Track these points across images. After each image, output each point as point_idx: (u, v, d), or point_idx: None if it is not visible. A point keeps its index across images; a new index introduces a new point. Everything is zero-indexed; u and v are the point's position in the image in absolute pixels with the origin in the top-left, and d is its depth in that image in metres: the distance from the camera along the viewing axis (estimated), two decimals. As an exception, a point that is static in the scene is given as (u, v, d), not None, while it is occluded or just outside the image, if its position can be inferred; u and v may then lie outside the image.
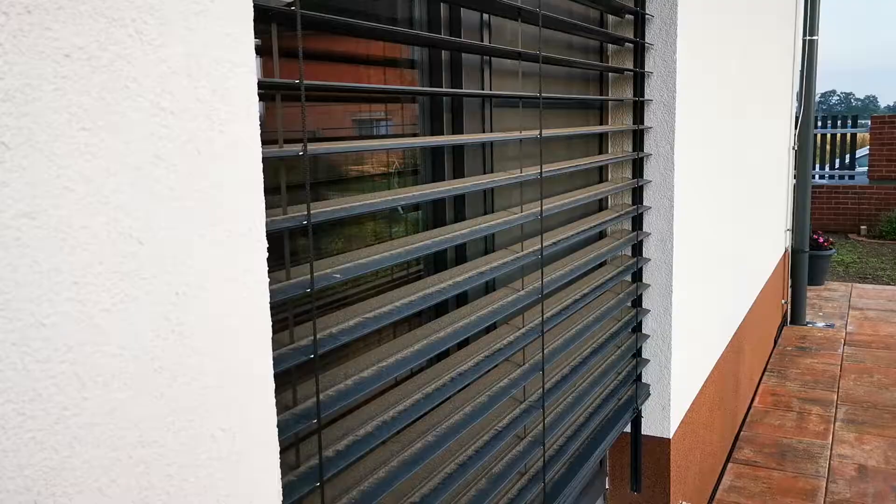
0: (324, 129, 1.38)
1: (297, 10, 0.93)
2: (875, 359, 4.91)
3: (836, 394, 4.34)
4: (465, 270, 1.47)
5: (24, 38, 0.56)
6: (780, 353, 5.11)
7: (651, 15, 2.29)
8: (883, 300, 6.38)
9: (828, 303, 6.38)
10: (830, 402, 4.21)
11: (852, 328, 5.61)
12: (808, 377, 4.62)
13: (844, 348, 5.15)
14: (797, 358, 4.99)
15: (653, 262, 2.43)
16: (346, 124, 1.45)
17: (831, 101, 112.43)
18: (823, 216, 11.34)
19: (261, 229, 0.80)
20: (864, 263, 9.09)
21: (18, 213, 0.57)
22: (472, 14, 1.63)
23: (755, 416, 4.06)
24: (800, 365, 4.85)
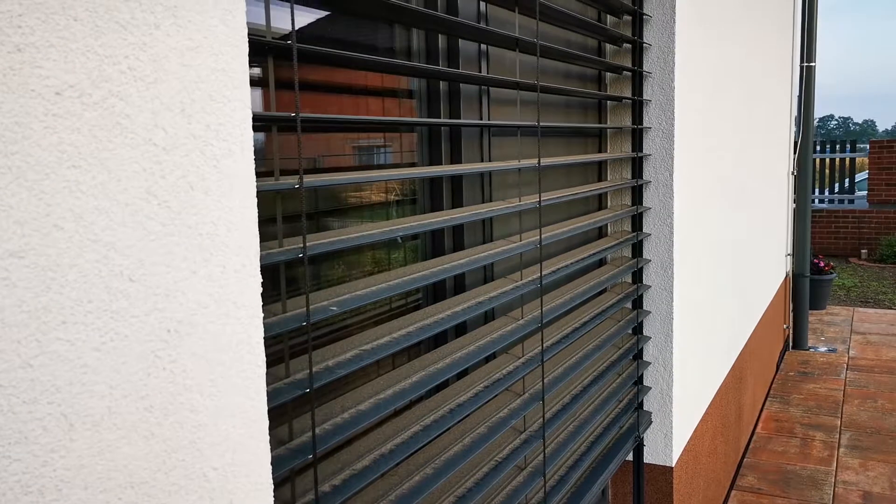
0: (324, 155, 1.38)
1: (293, 43, 0.93)
2: (878, 384, 4.87)
3: (839, 419, 4.30)
4: (464, 300, 1.46)
5: (15, 76, 0.56)
6: (783, 378, 5.08)
7: (648, 44, 2.30)
8: (885, 324, 6.35)
9: (829, 327, 6.35)
10: (834, 428, 4.17)
11: (854, 353, 5.58)
12: (811, 403, 4.59)
13: (847, 373, 5.12)
14: (800, 383, 4.96)
15: (653, 288, 2.42)
16: (347, 151, 1.45)
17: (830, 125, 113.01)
18: (824, 240, 11.34)
19: (255, 264, 0.79)
20: (865, 287, 9.07)
21: (6, 252, 0.56)
22: (471, 44, 1.64)
23: (758, 442, 4.03)
24: (802, 390, 4.82)
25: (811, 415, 4.39)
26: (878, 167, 11.28)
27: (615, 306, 2.16)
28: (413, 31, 1.53)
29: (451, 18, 1.32)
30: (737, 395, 3.64)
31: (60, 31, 0.59)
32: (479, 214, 1.45)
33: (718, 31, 2.88)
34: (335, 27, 1.35)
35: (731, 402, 3.50)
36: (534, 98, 1.91)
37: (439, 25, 1.37)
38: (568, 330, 1.89)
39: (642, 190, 2.38)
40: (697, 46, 2.55)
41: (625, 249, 2.43)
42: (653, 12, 2.29)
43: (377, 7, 1.17)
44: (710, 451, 3.05)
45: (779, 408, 4.52)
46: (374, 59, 1.12)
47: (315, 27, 1.30)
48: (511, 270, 1.82)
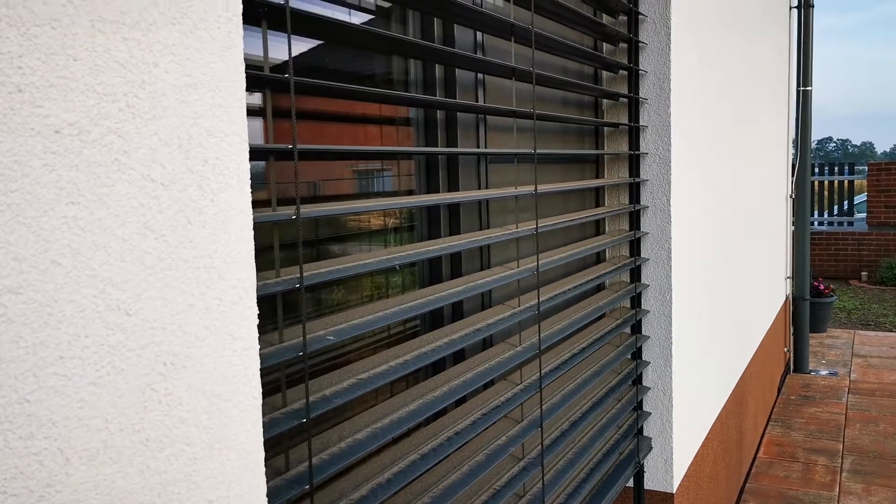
0: (324, 179, 1.39)
1: (290, 77, 0.94)
2: (880, 407, 4.85)
3: (841, 443, 4.28)
4: (462, 328, 1.46)
5: (15, 115, 0.57)
6: (784, 402, 5.06)
7: (645, 71, 2.32)
8: (886, 347, 6.34)
9: (830, 350, 6.33)
10: (836, 452, 4.15)
11: (856, 376, 5.56)
12: (812, 427, 4.57)
13: (849, 397, 5.10)
14: (801, 407, 4.94)
15: (652, 313, 2.42)
16: (346, 175, 1.46)
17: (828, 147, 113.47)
18: (824, 263, 11.34)
19: (251, 296, 0.80)
20: (866, 310, 9.06)
21: (4, 288, 0.57)
22: (468, 73, 1.66)
23: (760, 467, 4.00)
24: (804, 414, 4.80)
25: (813, 439, 4.37)
26: (877, 189, 11.31)
27: (614, 331, 2.16)
28: (411, 60, 1.55)
29: (449, 50, 1.34)
30: (738, 419, 3.62)
31: (60, 70, 0.60)
32: (477, 242, 1.46)
33: (714, 57, 2.91)
34: (333, 55, 1.37)
35: (733, 427, 3.49)
36: (530, 125, 1.92)
37: (437, 56, 1.39)
38: (566, 356, 1.89)
39: (640, 215, 2.40)
40: (693, 73, 2.57)
41: (623, 274, 2.44)
42: (648, 40, 2.31)
43: (374, 39, 1.19)
44: (712, 477, 3.04)
45: (780, 432, 4.50)
46: (371, 91, 1.14)
47: (313, 55, 1.32)
48: (509, 296, 1.83)
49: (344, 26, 1.07)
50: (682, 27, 2.40)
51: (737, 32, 3.42)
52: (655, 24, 2.30)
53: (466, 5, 1.38)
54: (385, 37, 1.17)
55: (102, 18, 0.63)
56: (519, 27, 1.56)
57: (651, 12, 2.30)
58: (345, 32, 1.12)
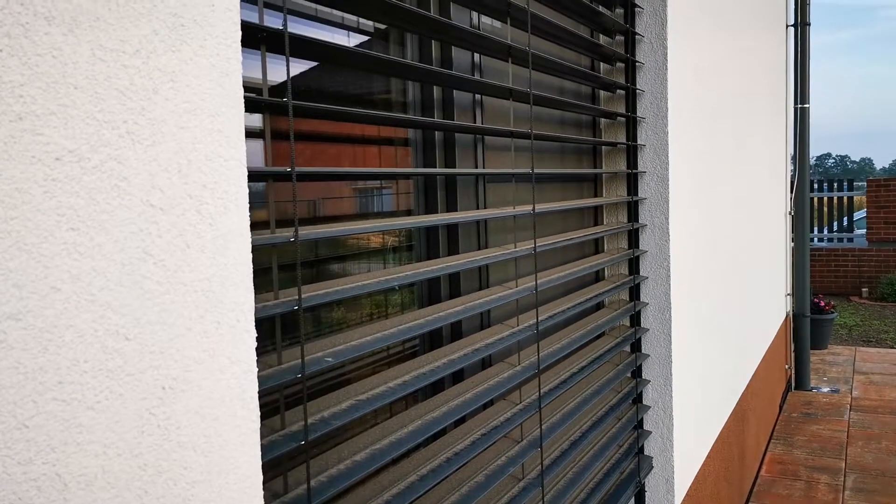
0: (324, 198, 1.40)
1: (288, 101, 0.95)
2: (882, 424, 4.84)
3: (843, 461, 4.26)
4: (461, 347, 1.47)
5: (15, 143, 0.57)
6: (786, 419, 5.04)
7: (642, 90, 2.34)
8: (887, 363, 6.32)
9: (832, 367, 6.32)
10: (839, 471, 4.13)
11: (858, 393, 5.54)
12: (814, 444, 4.55)
13: (850, 414, 5.08)
14: (803, 424, 4.92)
15: (651, 331, 2.42)
16: (346, 193, 1.47)
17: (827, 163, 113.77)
18: (824, 279, 11.34)
19: (249, 319, 0.80)
20: (867, 326, 9.05)
21: (4, 315, 0.57)
22: (465, 94, 1.67)
23: (762, 485, 3.98)
24: (806, 432, 4.78)
25: (815, 457, 4.35)
26: (876, 206, 11.33)
27: (613, 350, 2.16)
28: (409, 81, 1.57)
29: (446, 72, 1.35)
30: (739, 437, 3.61)
31: (61, 98, 0.61)
32: (475, 262, 1.47)
33: (711, 76, 2.93)
34: (333, 75, 1.38)
35: (734, 445, 3.48)
36: (528, 145, 1.93)
37: (434, 78, 1.40)
38: (566, 375, 1.89)
39: (639, 233, 2.40)
40: (691, 91, 2.59)
41: (622, 292, 2.44)
42: (645, 59, 2.33)
43: (372, 62, 1.20)
44: (714, 496, 3.02)
45: (782, 450, 4.48)
46: (369, 114, 1.15)
47: (313, 75, 1.33)
48: (508, 315, 1.83)
49: (341, 50, 1.08)
50: (678, 47, 2.41)
51: (734, 51, 3.44)
52: (652, 43, 2.32)
53: (464, 28, 1.39)
54: (382, 60, 1.18)
55: (103, 47, 0.64)
56: (516, 48, 1.58)
57: (647, 32, 2.32)
58: (342, 55, 1.13)
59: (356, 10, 1.23)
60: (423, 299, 1.64)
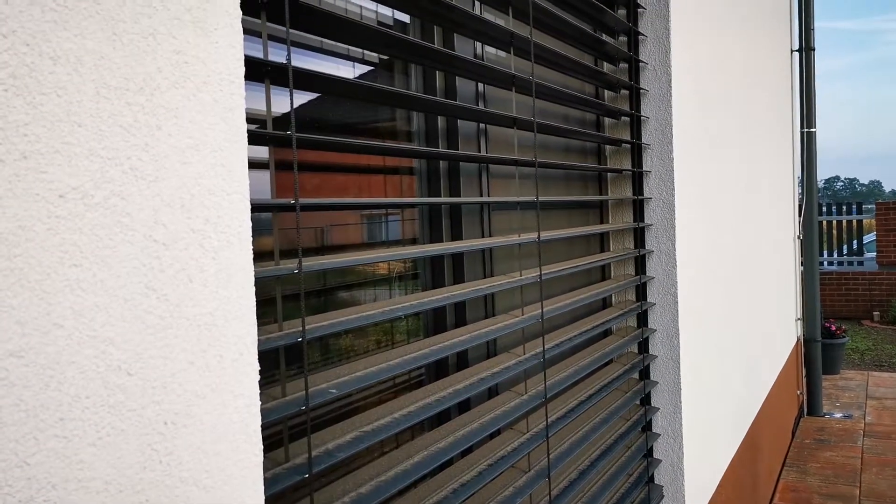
0: (332, 224, 1.41)
1: (292, 133, 0.96)
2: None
3: (858, 488, 4.19)
4: (466, 377, 1.46)
5: (20, 182, 0.58)
6: (799, 445, 4.98)
7: (646, 116, 2.34)
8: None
9: (844, 392, 6.25)
10: (853, 498, 4.07)
11: (871, 418, 5.48)
12: (828, 471, 4.49)
13: (864, 440, 5.02)
14: (816, 451, 4.86)
15: (660, 358, 2.40)
16: (353, 220, 1.48)
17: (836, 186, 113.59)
18: (835, 303, 11.26)
19: (252, 352, 0.80)
20: (879, 350, 8.96)
21: (6, 352, 0.57)
22: (470, 123, 1.68)
23: (776, 514, 3.93)
24: (819, 458, 4.72)
25: (829, 484, 4.29)
26: (886, 228, 11.28)
27: (622, 377, 2.15)
28: (413, 112, 1.58)
29: (451, 102, 1.36)
30: (752, 464, 3.56)
31: (65, 136, 0.61)
32: (480, 291, 1.46)
33: (716, 101, 2.94)
34: (337, 105, 1.39)
35: (746, 473, 3.43)
36: (532, 173, 1.94)
37: (439, 109, 1.41)
38: (573, 403, 1.88)
39: (645, 259, 2.40)
40: (695, 117, 2.60)
41: (630, 319, 2.43)
42: (649, 86, 2.34)
43: (375, 94, 1.21)
44: (726, 525, 2.98)
45: (796, 477, 4.42)
46: (373, 145, 1.16)
47: (317, 105, 1.34)
48: (514, 344, 1.82)
49: (344, 82, 1.09)
50: (682, 73, 2.43)
51: (739, 76, 3.46)
52: (656, 71, 2.33)
53: (468, 59, 1.41)
54: (386, 91, 1.19)
55: (107, 85, 0.65)
56: (520, 78, 1.59)
57: (651, 60, 2.34)
58: (346, 87, 1.14)
59: (360, 42, 1.25)
60: (429, 328, 1.63)
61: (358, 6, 1.47)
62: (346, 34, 1.16)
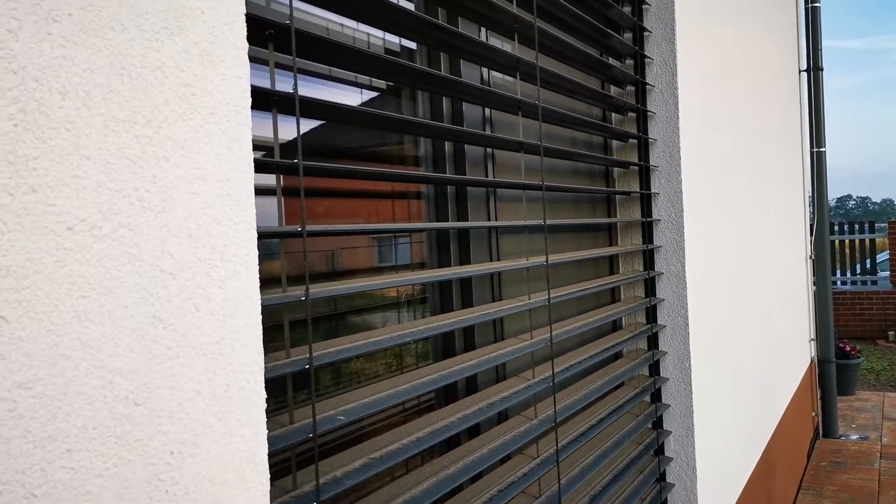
0: (342, 248, 1.42)
1: (299, 162, 0.97)
2: (915, 473, 4.71)
3: (876, 512, 4.13)
4: (475, 401, 1.45)
5: (28, 215, 0.59)
6: (815, 468, 4.91)
7: (654, 139, 2.35)
8: (918, 409, 6.18)
9: (860, 414, 6.18)
10: (871, 522, 4.01)
11: (888, 440, 5.40)
12: (845, 494, 4.42)
13: (881, 462, 4.95)
14: (832, 474, 4.79)
15: (671, 381, 2.39)
16: (364, 242, 1.48)
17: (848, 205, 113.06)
18: (849, 323, 11.16)
19: (259, 380, 0.80)
20: (894, 370, 8.86)
21: (14, 384, 0.58)
22: (477, 147, 1.69)
23: (792, 538, 3.87)
24: (836, 481, 4.66)
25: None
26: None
27: (633, 400, 2.13)
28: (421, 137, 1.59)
29: (458, 128, 1.37)
30: (767, 488, 3.52)
31: (73, 170, 0.62)
32: (489, 315, 1.46)
33: (724, 123, 2.94)
34: (345, 131, 1.40)
35: (762, 496, 3.39)
36: (539, 196, 1.94)
37: (446, 134, 1.42)
38: (584, 427, 1.86)
39: (655, 282, 2.39)
40: (703, 138, 2.60)
41: (640, 342, 2.42)
42: (656, 109, 2.35)
43: (382, 120, 1.22)
44: (741, 550, 2.94)
45: (812, 500, 4.36)
46: (379, 171, 1.16)
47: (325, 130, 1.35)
48: (524, 367, 1.81)
49: (351, 110, 1.10)
50: (689, 95, 2.43)
51: (747, 97, 3.46)
52: (663, 93, 2.34)
53: (475, 85, 1.42)
54: (392, 118, 1.20)
55: (115, 118, 0.66)
56: (526, 103, 1.60)
57: (658, 82, 2.35)
58: (352, 115, 1.15)
59: (366, 70, 1.26)
60: (438, 352, 1.63)
61: (366, 34, 1.49)
62: (353, 62, 1.17)
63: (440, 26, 1.32)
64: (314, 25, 1.33)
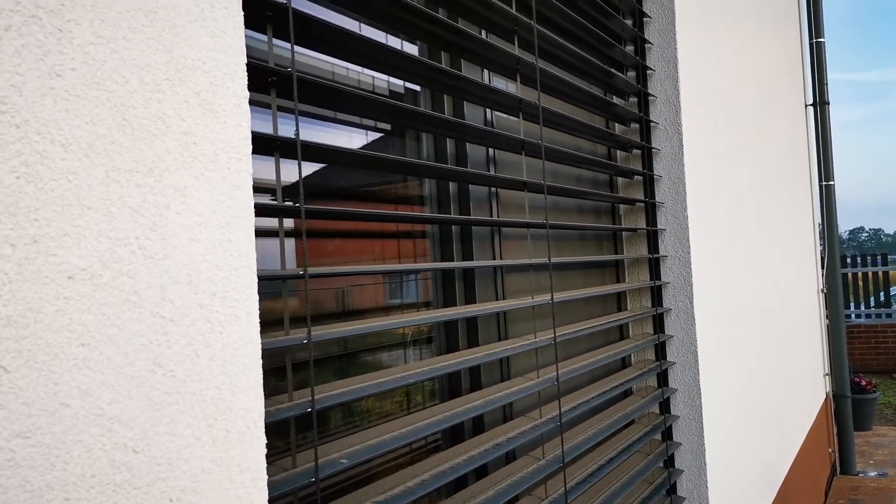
0: (352, 285, 1.42)
1: (301, 205, 0.98)
2: (936, 510, 4.61)
3: (897, 552, 4.04)
4: (482, 442, 1.44)
5: (30, 265, 0.60)
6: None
7: (659, 175, 2.36)
8: (937, 444, 6.07)
9: (878, 449, 6.07)
10: (892, 562, 3.91)
11: (907, 476, 5.31)
12: (865, 533, 4.33)
13: (901, 499, 4.85)
14: (851, 511, 4.70)
15: (682, 418, 2.36)
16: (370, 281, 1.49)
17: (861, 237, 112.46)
18: (864, 357, 11.02)
19: (259, 426, 0.80)
20: (912, 404, 8.73)
21: (13, 433, 0.58)
22: (481, 187, 1.70)
23: (812, 579, 3.78)
24: (855, 519, 4.56)
25: (866, 546, 4.13)
26: (913, 279, 11.11)
27: (643, 439, 2.11)
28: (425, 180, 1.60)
29: (460, 169, 1.38)
30: (783, 527, 3.46)
31: (75, 220, 0.63)
32: (494, 355, 1.46)
33: (730, 157, 2.95)
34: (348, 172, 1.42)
35: (777, 536, 3.32)
36: (544, 234, 1.95)
37: (449, 175, 1.43)
38: (593, 467, 1.84)
39: (663, 318, 2.38)
40: (709, 174, 2.61)
41: (650, 379, 2.40)
42: (661, 146, 2.36)
43: (386, 164, 1.23)
44: (758, 592, 2.87)
45: (831, 539, 4.27)
46: (382, 213, 1.17)
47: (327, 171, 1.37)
48: (531, 406, 1.80)
49: (353, 153, 1.12)
50: (693, 132, 2.45)
51: (752, 132, 3.47)
52: (667, 130, 2.36)
53: (478, 126, 1.43)
54: (394, 161, 1.21)
55: (117, 168, 0.67)
56: (529, 143, 1.61)
57: (662, 119, 2.36)
58: (355, 158, 1.16)
59: (368, 113, 1.28)
60: (445, 391, 1.62)
61: (371, 76, 1.51)
62: (355, 106, 1.19)
63: (443, 70, 1.34)
64: (319, 69, 1.36)
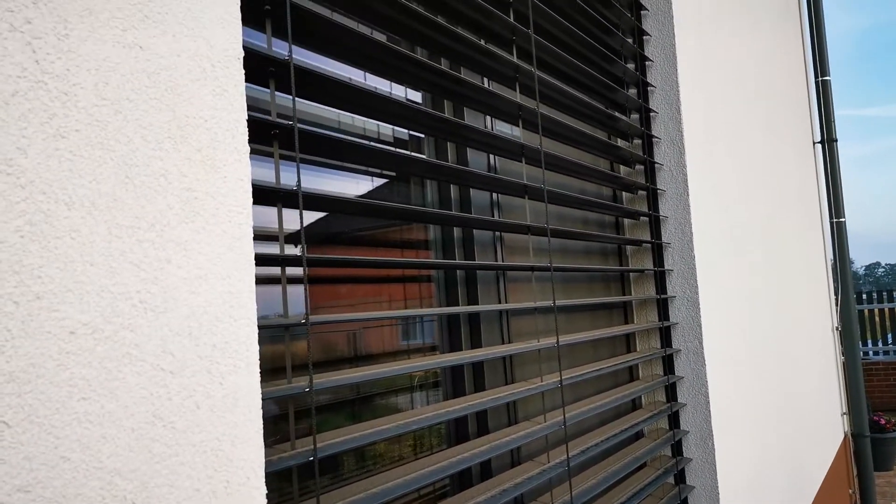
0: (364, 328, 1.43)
1: (303, 255, 1.00)
2: (962, 553, 4.48)
3: None
4: (489, 488, 1.44)
5: (32, 321, 0.61)
6: (855, 549, 4.71)
7: (665, 216, 2.37)
8: (961, 484, 5.93)
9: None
10: None
11: (932, 518, 5.18)
12: (889, 578, 4.22)
13: (926, 542, 4.73)
14: (875, 555, 4.59)
15: (695, 461, 2.34)
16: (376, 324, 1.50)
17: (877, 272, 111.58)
18: (883, 395, 10.85)
19: (260, 476, 0.81)
20: (935, 443, 8.55)
21: (14, 487, 0.59)
22: (485, 231, 1.71)
23: None
24: (878, 563, 4.45)
25: (891, 592, 4.02)
26: (931, 315, 10.98)
27: (655, 482, 2.09)
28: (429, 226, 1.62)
29: (464, 215, 1.40)
30: (803, 572, 3.38)
31: (77, 276, 0.65)
32: (500, 399, 1.46)
33: (736, 197, 2.96)
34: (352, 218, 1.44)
35: (798, 581, 3.25)
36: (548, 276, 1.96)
37: (454, 222, 1.45)
38: (603, 512, 1.82)
39: (673, 359, 2.37)
40: (714, 214, 2.61)
41: (661, 421, 2.38)
42: (666, 187, 2.38)
43: (388, 212, 1.25)
44: None
45: (854, 584, 4.17)
46: (385, 261, 1.19)
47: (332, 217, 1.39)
48: (539, 450, 1.79)
49: (355, 202, 1.14)
50: (698, 172, 2.46)
51: (760, 172, 3.48)
52: (672, 171, 2.37)
53: (481, 173, 1.45)
54: (395, 209, 1.23)
55: (119, 224, 0.69)
56: (532, 187, 1.63)
57: (666, 161, 2.38)
58: (357, 207, 1.18)
59: (371, 162, 1.30)
60: (451, 436, 1.62)
61: (376, 124, 1.54)
62: (357, 156, 1.22)
63: (446, 119, 1.37)
64: (324, 118, 1.38)
